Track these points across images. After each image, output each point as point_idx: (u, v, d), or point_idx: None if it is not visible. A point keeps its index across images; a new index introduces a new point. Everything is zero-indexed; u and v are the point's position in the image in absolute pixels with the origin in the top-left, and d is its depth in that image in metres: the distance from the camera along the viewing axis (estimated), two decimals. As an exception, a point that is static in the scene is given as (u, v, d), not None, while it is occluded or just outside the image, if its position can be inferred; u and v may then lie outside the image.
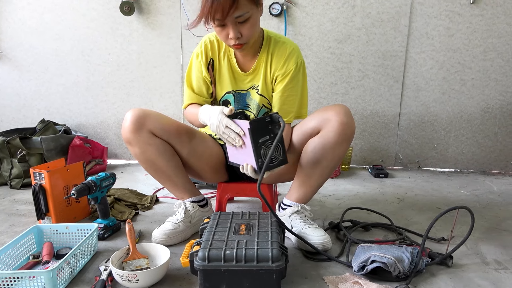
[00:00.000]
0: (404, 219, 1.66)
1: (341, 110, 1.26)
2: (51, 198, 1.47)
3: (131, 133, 1.32)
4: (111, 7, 2.37)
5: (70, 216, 1.56)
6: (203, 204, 1.51)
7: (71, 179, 1.57)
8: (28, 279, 1.01)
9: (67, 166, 1.56)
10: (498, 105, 2.40)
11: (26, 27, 2.43)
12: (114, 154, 2.63)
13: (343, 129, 1.25)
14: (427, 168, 2.55)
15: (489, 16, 2.27)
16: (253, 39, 1.28)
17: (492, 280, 1.17)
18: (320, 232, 1.33)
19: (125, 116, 1.33)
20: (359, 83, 2.43)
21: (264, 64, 1.38)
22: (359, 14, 2.33)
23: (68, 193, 1.52)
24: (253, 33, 1.25)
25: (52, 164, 1.59)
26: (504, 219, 1.68)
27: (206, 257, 1.01)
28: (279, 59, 1.36)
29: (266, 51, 1.38)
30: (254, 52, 1.38)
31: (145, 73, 2.48)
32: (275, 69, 1.38)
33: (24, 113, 2.58)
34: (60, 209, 1.51)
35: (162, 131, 1.35)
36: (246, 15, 1.19)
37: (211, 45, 1.40)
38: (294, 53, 1.36)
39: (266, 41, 1.38)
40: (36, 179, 1.48)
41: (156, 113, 1.37)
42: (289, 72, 1.36)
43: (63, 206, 1.53)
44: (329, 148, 1.28)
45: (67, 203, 1.55)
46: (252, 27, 1.23)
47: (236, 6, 1.15)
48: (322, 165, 1.32)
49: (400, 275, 1.13)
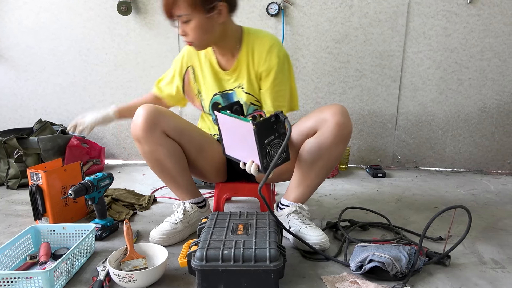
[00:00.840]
0: (402, 218, 1.67)
1: (337, 110, 1.26)
2: (48, 198, 1.47)
3: (143, 131, 1.28)
4: (108, 6, 2.36)
5: (67, 216, 1.56)
6: (202, 205, 1.50)
7: (68, 179, 1.56)
8: (25, 280, 1.00)
9: (64, 166, 1.55)
10: (495, 104, 2.41)
11: (22, 26, 2.42)
12: (111, 154, 2.62)
13: (340, 130, 1.25)
14: (424, 168, 2.55)
15: (486, 16, 2.28)
16: (203, 41, 1.29)
17: (489, 279, 1.18)
18: (318, 231, 1.33)
19: (137, 112, 1.30)
20: (357, 82, 2.43)
21: (246, 62, 1.37)
22: (357, 14, 2.33)
23: (65, 194, 1.52)
24: (198, 35, 1.26)
25: (50, 164, 1.58)
26: (501, 219, 1.69)
27: (204, 257, 1.01)
28: (260, 55, 1.35)
29: (246, 48, 1.37)
30: (232, 50, 1.38)
31: (143, 73, 2.48)
32: (257, 66, 1.36)
33: (21, 113, 2.57)
34: (57, 209, 1.51)
35: (175, 131, 1.34)
36: (185, 17, 1.23)
37: (189, 53, 1.46)
38: (275, 47, 1.34)
39: (246, 38, 1.37)
40: (33, 179, 1.47)
41: (169, 111, 1.36)
42: (272, 67, 1.34)
43: (60, 206, 1.52)
44: (325, 149, 1.28)
45: (64, 203, 1.54)
46: (195, 29, 1.25)
47: (175, 6, 1.21)
48: (319, 166, 1.31)
49: (397, 274, 1.13)
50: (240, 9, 2.32)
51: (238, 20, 1.37)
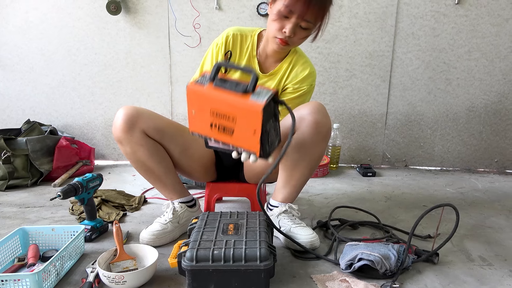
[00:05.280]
0: (391, 217, 1.68)
1: (314, 109, 1.25)
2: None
3: (122, 133, 1.30)
4: (97, 6, 2.34)
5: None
6: (192, 204, 1.50)
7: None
8: (13, 282, 0.99)
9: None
10: (483, 104, 2.44)
11: (10, 25, 2.39)
12: (101, 154, 2.60)
13: (318, 128, 1.24)
14: (413, 167, 2.58)
15: (474, 17, 2.31)
16: (293, 46, 1.35)
17: (477, 277, 1.20)
18: (308, 231, 1.34)
19: (117, 114, 1.31)
20: (347, 82, 2.45)
21: (283, 72, 1.40)
22: (347, 14, 2.34)
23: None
24: (300, 42, 1.32)
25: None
26: (489, 216, 1.71)
27: (194, 258, 1.01)
28: (298, 74, 1.39)
29: (289, 60, 1.40)
30: (279, 57, 1.40)
31: (133, 73, 2.46)
32: (290, 81, 1.40)
33: (8, 113, 2.53)
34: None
35: (155, 131, 1.34)
36: (311, 26, 1.25)
37: (234, 38, 1.40)
38: (312, 76, 1.40)
39: (292, 52, 1.42)
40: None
41: (149, 112, 1.36)
42: (300, 90, 1.39)
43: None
44: (306, 148, 1.28)
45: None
46: (303, 39, 1.30)
47: (312, 11, 1.20)
48: (302, 165, 1.32)
49: (387, 272, 1.14)
50: (231, 9, 2.32)
51: (228, 20, 1.38)
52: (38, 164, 2.09)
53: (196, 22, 2.36)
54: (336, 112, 2.50)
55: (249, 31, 1.42)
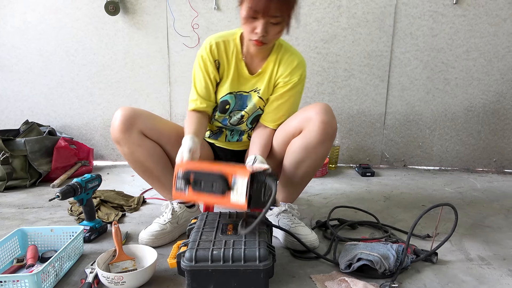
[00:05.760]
0: (390, 216, 1.68)
1: (321, 109, 1.26)
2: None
3: (120, 133, 1.30)
4: (96, 6, 2.34)
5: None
6: (191, 204, 1.50)
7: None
8: (12, 283, 0.99)
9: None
10: (481, 103, 2.45)
11: (8, 26, 2.38)
12: (100, 155, 2.60)
13: (325, 128, 1.25)
14: (412, 166, 2.58)
15: (472, 17, 2.31)
16: (272, 43, 1.32)
17: (475, 276, 1.20)
18: (307, 230, 1.34)
19: (115, 115, 1.31)
20: (346, 82, 2.45)
21: (271, 69, 1.38)
22: (345, 14, 2.35)
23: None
24: (275, 38, 1.29)
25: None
26: (487, 216, 1.71)
27: (193, 258, 1.01)
28: (286, 67, 1.37)
29: (275, 56, 1.38)
30: (264, 55, 1.39)
31: (131, 73, 2.46)
32: (279, 76, 1.38)
33: (7, 114, 2.53)
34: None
35: (153, 131, 1.34)
36: (279, 19, 1.21)
37: (217, 46, 1.36)
38: (301, 67, 1.38)
39: (277, 47, 1.39)
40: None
41: (147, 112, 1.36)
42: (291, 82, 1.37)
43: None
44: (311, 148, 1.28)
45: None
46: (279, 33, 1.26)
47: (275, 5, 1.16)
48: (305, 165, 1.32)
49: (386, 272, 1.14)
50: (229, 9, 2.32)
51: (226, 20, 1.37)
52: (36, 164, 2.09)
53: (195, 23, 2.36)
54: (334, 112, 2.43)
55: (229, 35, 1.39)
